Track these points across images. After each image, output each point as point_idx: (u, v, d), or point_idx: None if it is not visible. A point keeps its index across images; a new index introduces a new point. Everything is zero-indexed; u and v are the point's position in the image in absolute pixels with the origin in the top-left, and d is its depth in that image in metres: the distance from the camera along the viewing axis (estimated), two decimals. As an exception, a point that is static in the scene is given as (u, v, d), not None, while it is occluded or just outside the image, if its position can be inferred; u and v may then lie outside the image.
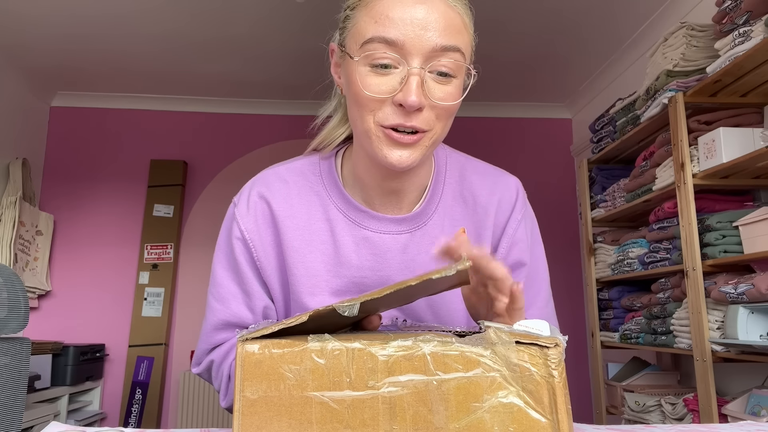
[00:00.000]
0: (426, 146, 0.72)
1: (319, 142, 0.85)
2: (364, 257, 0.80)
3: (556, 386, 0.41)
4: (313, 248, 0.80)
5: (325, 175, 0.83)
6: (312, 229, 0.80)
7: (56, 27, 2.95)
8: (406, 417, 0.41)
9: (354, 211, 0.81)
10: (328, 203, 0.81)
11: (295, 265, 0.79)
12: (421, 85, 0.67)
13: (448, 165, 0.86)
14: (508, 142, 3.98)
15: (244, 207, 0.82)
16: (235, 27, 2.96)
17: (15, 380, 1.61)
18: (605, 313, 2.75)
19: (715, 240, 1.88)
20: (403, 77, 0.67)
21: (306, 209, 0.81)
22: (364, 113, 0.71)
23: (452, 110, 0.72)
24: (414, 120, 0.68)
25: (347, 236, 0.80)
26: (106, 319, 3.61)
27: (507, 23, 2.93)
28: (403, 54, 0.67)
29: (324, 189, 0.82)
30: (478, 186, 0.85)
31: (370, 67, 0.68)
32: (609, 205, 2.67)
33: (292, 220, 0.80)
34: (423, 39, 0.66)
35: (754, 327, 1.71)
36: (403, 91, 0.67)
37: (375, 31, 0.67)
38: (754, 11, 1.72)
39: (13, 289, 1.62)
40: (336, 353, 0.42)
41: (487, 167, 0.88)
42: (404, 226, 0.81)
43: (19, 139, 3.47)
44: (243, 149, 3.84)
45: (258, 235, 0.80)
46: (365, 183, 0.80)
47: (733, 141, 1.82)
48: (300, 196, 0.82)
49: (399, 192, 0.80)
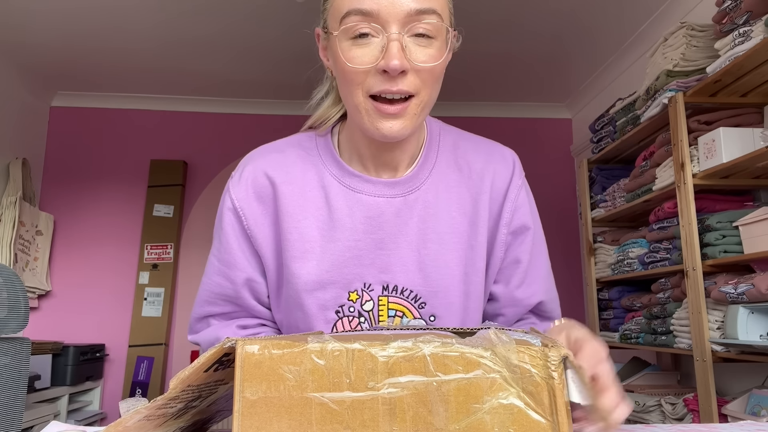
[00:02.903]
0: (415, 114, 0.73)
1: (315, 120, 0.87)
2: (357, 220, 0.80)
3: (557, 387, 0.41)
4: (308, 214, 0.81)
5: (321, 146, 0.85)
6: (307, 195, 0.82)
7: (56, 27, 2.95)
8: (406, 418, 0.41)
9: (348, 177, 0.82)
10: (323, 171, 0.83)
11: (289, 230, 0.80)
12: (402, 50, 0.69)
13: (442, 135, 0.87)
14: (508, 142, 3.93)
15: (238, 177, 0.83)
16: (236, 27, 2.96)
17: (15, 380, 1.61)
18: (605, 313, 2.75)
19: (715, 240, 1.87)
20: (383, 45, 0.69)
21: (301, 176, 0.83)
22: (352, 87, 0.72)
23: (437, 72, 0.73)
24: (400, 84, 0.70)
25: (341, 200, 0.81)
26: (106, 319, 3.61)
27: (507, 23, 2.93)
28: (380, 23, 0.69)
29: (320, 158, 0.84)
30: (472, 154, 0.86)
31: (351, 40, 0.71)
32: (609, 205, 2.66)
33: (287, 186, 0.82)
34: (396, 5, 0.68)
35: (754, 327, 1.71)
36: (385, 57, 0.68)
37: (350, 5, 0.70)
38: (754, 11, 1.72)
39: (13, 289, 1.61)
40: (336, 354, 0.42)
41: (482, 139, 0.90)
42: (397, 189, 0.81)
43: (19, 139, 3.47)
44: (243, 149, 3.80)
45: (248, 203, 0.82)
46: (361, 153, 0.82)
47: (733, 141, 1.82)
48: (295, 164, 0.83)
49: (394, 161, 0.82)
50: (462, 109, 3.90)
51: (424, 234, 0.81)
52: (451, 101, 3.82)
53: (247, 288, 0.83)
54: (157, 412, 0.47)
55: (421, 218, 0.81)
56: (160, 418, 0.48)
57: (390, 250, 0.80)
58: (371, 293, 0.80)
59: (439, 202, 0.83)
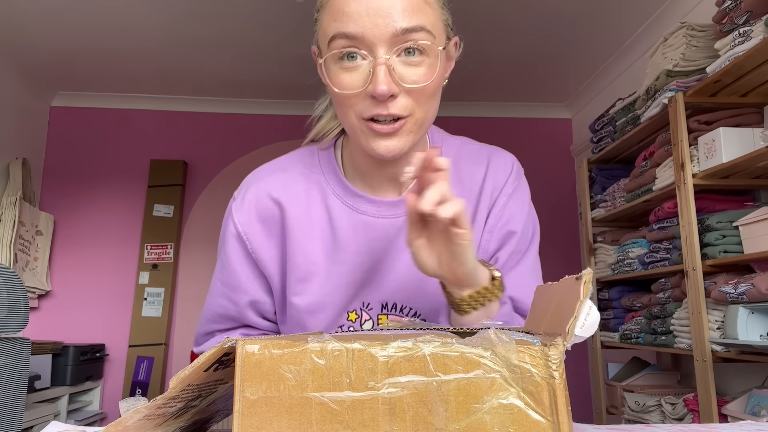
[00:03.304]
0: (412, 131, 0.72)
1: (316, 134, 0.87)
2: (361, 243, 0.80)
3: (557, 387, 0.41)
4: (313, 236, 0.80)
5: (323, 163, 0.84)
6: (311, 215, 0.81)
7: (56, 27, 2.95)
8: (406, 418, 0.41)
9: (352, 197, 0.81)
10: (327, 190, 0.82)
11: (295, 253, 0.80)
12: (389, 73, 0.67)
13: (444, 147, 0.86)
14: (508, 142, 3.97)
15: (240, 200, 0.83)
16: (236, 27, 2.96)
17: (15, 380, 1.61)
18: (605, 313, 2.75)
19: (715, 240, 1.87)
20: (371, 69, 0.68)
21: (305, 196, 0.82)
22: (344, 110, 0.72)
23: (429, 91, 0.71)
24: (391, 108, 0.68)
25: (345, 222, 0.80)
26: (106, 319, 3.61)
27: (507, 23, 2.93)
28: (366, 45, 0.67)
29: (323, 176, 0.83)
30: (474, 166, 0.85)
31: (339, 64, 0.69)
32: (609, 205, 2.67)
33: (292, 208, 0.81)
34: (381, 27, 0.66)
35: (754, 327, 1.71)
36: (372, 82, 0.67)
37: (335, 29, 0.68)
38: (754, 11, 1.72)
39: (13, 289, 1.61)
40: (336, 354, 0.42)
41: (482, 148, 0.88)
42: (401, 208, 0.81)
43: (19, 139, 3.47)
44: (243, 149, 3.84)
45: (252, 227, 0.81)
46: (364, 170, 0.81)
47: (733, 141, 1.82)
48: (298, 183, 0.82)
49: (397, 176, 0.81)
50: (462, 109, 3.90)
51: None
52: (451, 101, 3.82)
53: (252, 309, 0.84)
54: (157, 412, 0.47)
55: None
56: (159, 418, 0.48)
57: (389, 269, 0.80)
58: (370, 312, 0.81)
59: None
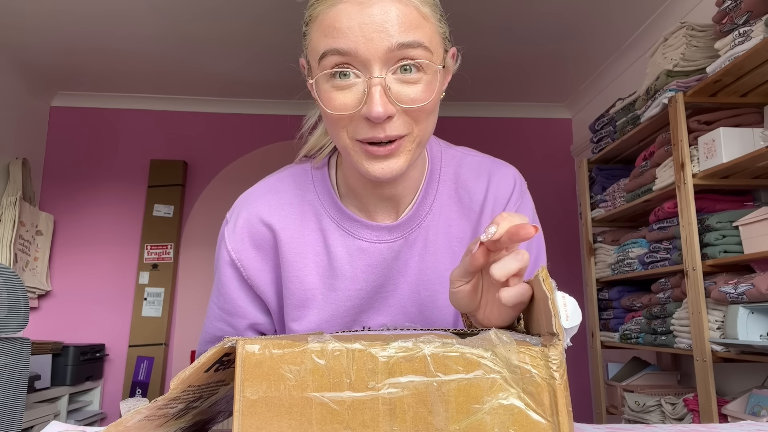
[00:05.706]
0: (410, 150, 0.68)
1: (308, 150, 0.83)
2: (358, 269, 0.78)
3: (557, 388, 0.41)
4: (308, 261, 0.78)
5: (317, 183, 0.81)
6: (306, 240, 0.78)
7: (56, 27, 2.95)
8: (406, 418, 0.41)
9: (347, 221, 0.78)
10: (321, 212, 0.79)
11: (290, 279, 0.78)
12: (385, 93, 0.63)
13: (443, 162, 0.82)
14: (508, 142, 3.98)
15: (233, 226, 0.80)
16: (236, 26, 2.96)
17: (15, 380, 1.61)
18: (605, 313, 2.75)
19: (715, 240, 1.87)
20: (365, 88, 0.63)
21: (299, 219, 0.79)
22: (336, 130, 0.67)
23: (428, 109, 0.66)
24: (387, 130, 0.64)
25: (341, 247, 0.78)
26: (106, 319, 3.61)
27: (508, 24, 2.93)
28: (360, 63, 0.63)
29: (317, 198, 0.80)
30: (474, 182, 0.81)
31: (331, 82, 0.65)
32: (609, 205, 2.67)
33: (284, 231, 0.78)
34: (376, 43, 0.62)
35: (754, 327, 1.71)
36: (367, 104, 0.62)
37: (327, 45, 0.63)
38: (754, 11, 1.72)
39: (13, 289, 1.61)
40: (336, 354, 0.42)
41: (483, 161, 0.84)
42: (398, 232, 0.78)
43: (19, 139, 3.47)
44: (243, 149, 3.84)
45: (245, 253, 0.79)
46: (358, 192, 0.78)
47: (733, 141, 1.82)
48: (292, 206, 0.79)
49: (394, 197, 0.78)
50: (462, 110, 3.90)
51: (424, 274, 0.79)
52: (451, 101, 3.82)
53: (251, 330, 0.83)
54: (158, 413, 0.47)
55: (421, 257, 0.79)
56: (161, 419, 0.48)
57: (389, 292, 0.79)
58: None
59: (438, 239, 0.79)
